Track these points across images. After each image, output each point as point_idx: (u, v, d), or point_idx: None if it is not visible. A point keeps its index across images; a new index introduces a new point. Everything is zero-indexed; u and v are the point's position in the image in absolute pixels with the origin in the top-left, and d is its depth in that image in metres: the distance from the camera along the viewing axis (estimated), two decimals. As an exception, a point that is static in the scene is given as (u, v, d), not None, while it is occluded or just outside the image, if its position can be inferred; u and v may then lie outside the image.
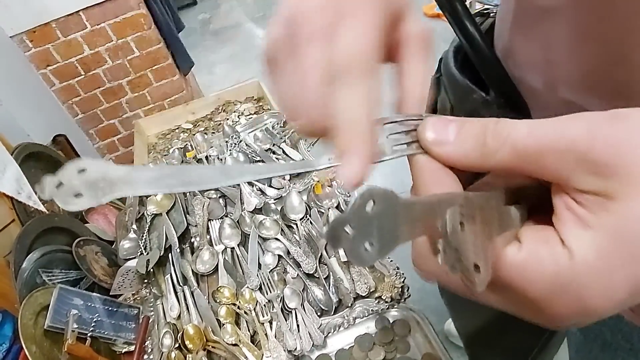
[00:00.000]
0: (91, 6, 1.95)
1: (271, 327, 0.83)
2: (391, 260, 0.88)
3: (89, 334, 0.84)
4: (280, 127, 1.33)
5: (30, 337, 0.76)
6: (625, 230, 0.18)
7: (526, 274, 0.19)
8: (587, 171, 0.18)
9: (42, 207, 1.02)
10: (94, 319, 0.88)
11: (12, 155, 1.04)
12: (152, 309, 0.96)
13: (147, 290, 1.00)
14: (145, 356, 0.88)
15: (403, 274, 0.85)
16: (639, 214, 0.17)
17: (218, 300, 0.89)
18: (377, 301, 0.82)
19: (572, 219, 0.19)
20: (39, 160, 1.18)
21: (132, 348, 0.88)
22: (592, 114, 0.19)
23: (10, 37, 1.92)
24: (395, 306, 0.81)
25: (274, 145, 1.26)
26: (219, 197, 1.14)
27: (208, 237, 1.04)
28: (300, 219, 1.00)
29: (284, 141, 1.26)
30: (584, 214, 0.19)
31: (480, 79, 0.39)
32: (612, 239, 0.18)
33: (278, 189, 1.12)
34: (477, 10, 0.44)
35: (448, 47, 0.43)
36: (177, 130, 1.59)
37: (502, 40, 0.39)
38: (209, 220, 1.08)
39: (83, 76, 2.11)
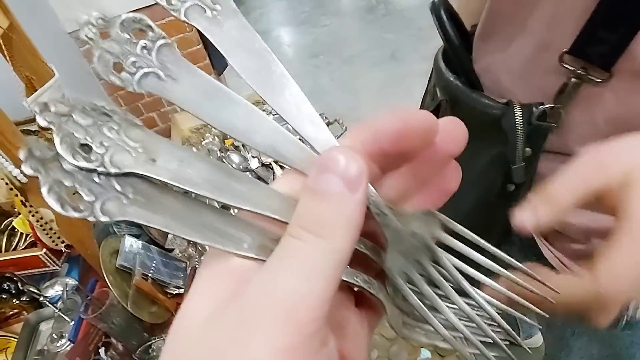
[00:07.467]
0: (141, 8, 2.17)
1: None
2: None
3: (150, 276, 1.03)
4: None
5: (108, 270, 0.95)
6: None
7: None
8: None
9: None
10: (152, 266, 1.07)
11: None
12: (197, 263, 1.14)
13: (193, 249, 1.18)
14: (193, 297, 1.06)
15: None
16: None
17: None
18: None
19: None
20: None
21: (181, 290, 1.06)
22: None
23: (69, 32, 2.16)
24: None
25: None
26: (255, 176, 1.32)
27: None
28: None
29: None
30: None
31: (457, 71, 0.54)
32: None
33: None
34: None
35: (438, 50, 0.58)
36: (209, 126, 1.78)
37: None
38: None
39: (129, 72, 2.34)
